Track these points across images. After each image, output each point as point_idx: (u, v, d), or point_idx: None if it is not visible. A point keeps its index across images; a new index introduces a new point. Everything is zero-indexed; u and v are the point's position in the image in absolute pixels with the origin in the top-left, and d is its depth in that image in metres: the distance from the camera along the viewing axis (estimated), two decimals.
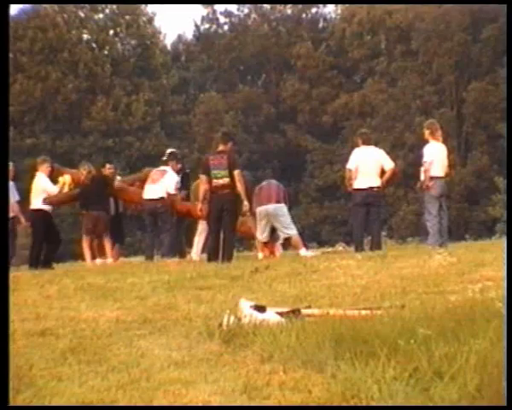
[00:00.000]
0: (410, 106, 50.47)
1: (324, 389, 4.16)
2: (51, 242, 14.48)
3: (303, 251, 13.29)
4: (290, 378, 4.42)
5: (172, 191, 13.96)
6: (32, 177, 15.06)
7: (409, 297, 6.74)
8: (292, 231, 13.59)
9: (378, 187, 13.19)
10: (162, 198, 13.83)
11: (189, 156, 42.46)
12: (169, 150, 15.42)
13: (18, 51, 49.80)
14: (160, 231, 13.93)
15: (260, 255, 13.39)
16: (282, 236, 13.65)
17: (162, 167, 14.52)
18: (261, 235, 13.53)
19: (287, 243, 14.17)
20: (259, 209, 13.40)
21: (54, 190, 14.54)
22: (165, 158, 14.90)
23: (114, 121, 50.44)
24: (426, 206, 12.98)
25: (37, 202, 14.40)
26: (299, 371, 4.53)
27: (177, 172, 14.43)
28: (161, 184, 13.97)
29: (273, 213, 13.40)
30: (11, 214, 13.42)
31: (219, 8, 59.74)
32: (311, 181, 51.63)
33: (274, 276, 9.10)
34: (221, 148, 12.65)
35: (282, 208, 13.49)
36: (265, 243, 13.65)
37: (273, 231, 13.63)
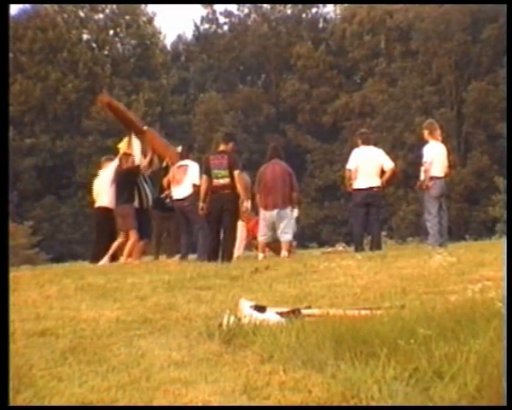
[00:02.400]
0: (410, 106, 50.50)
1: (324, 389, 4.16)
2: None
3: (283, 253, 13.12)
4: (290, 378, 4.42)
5: (198, 182, 13.30)
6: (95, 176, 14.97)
7: (409, 297, 6.74)
8: (287, 236, 13.29)
9: (378, 187, 13.19)
10: (189, 196, 13.37)
11: None
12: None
13: (18, 51, 49.83)
14: (193, 230, 13.59)
15: (261, 256, 13.31)
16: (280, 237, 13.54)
17: (182, 162, 13.84)
18: (262, 236, 13.43)
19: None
20: (265, 213, 13.23)
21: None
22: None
23: (114, 121, 50.42)
24: (426, 206, 12.98)
25: (102, 200, 14.20)
26: (299, 372, 4.53)
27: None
28: (186, 181, 13.49)
29: (277, 218, 13.24)
30: None
31: (219, 8, 59.81)
32: (311, 181, 51.66)
33: (274, 276, 9.10)
34: (222, 148, 12.66)
35: (287, 213, 13.28)
36: (268, 244, 13.60)
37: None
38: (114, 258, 13.77)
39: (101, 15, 55.36)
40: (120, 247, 13.85)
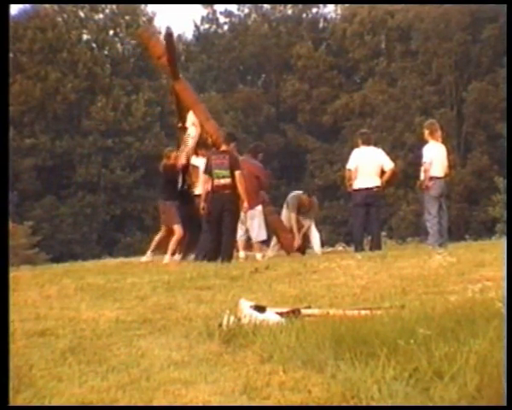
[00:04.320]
0: (410, 106, 50.49)
1: (324, 389, 4.16)
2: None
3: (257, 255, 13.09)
4: (290, 378, 4.43)
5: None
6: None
7: (409, 297, 6.75)
8: (255, 236, 13.25)
9: (378, 187, 13.20)
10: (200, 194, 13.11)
11: None
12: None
13: (18, 51, 49.80)
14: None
15: (242, 254, 13.10)
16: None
17: (194, 162, 13.49)
18: (240, 235, 13.23)
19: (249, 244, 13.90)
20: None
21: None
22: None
23: (114, 121, 50.44)
24: (425, 206, 12.98)
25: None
26: (299, 372, 4.53)
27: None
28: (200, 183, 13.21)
29: (248, 218, 13.14)
30: None
31: (219, 8, 59.78)
32: (311, 181, 51.64)
33: (274, 276, 9.10)
34: (223, 148, 12.67)
35: (254, 213, 13.16)
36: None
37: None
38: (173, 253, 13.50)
39: (100, 15, 55.31)
40: (161, 241, 13.67)
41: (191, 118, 13.88)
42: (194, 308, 7.04)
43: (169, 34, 14.47)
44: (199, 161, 13.37)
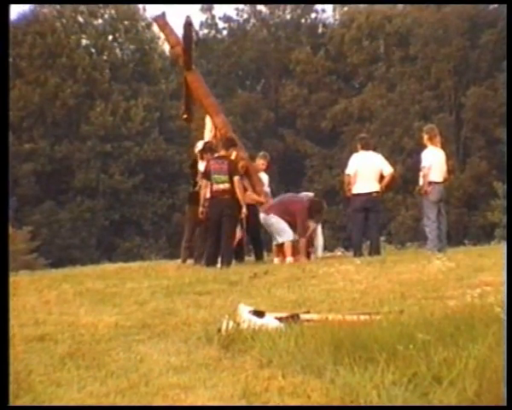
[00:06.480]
0: (409, 111, 50.51)
1: (323, 394, 4.16)
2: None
3: (288, 259, 12.71)
4: (289, 383, 4.42)
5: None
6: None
7: (408, 302, 6.75)
8: (282, 238, 12.97)
9: (377, 192, 13.19)
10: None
11: (187, 162, 42.44)
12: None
13: (17, 56, 49.82)
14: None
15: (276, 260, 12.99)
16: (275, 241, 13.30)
17: (201, 166, 13.17)
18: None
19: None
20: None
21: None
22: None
23: (113, 126, 50.43)
24: (424, 211, 12.97)
25: None
26: (298, 377, 4.53)
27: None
28: None
29: (264, 223, 13.12)
30: None
31: (218, 13, 59.79)
32: (310, 186, 51.61)
33: (273, 281, 9.10)
34: (222, 153, 12.66)
35: (270, 219, 13.05)
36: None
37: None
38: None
39: (100, 21, 55.36)
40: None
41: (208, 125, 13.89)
42: (194, 313, 7.03)
43: (189, 23, 14.32)
44: (203, 166, 13.15)
